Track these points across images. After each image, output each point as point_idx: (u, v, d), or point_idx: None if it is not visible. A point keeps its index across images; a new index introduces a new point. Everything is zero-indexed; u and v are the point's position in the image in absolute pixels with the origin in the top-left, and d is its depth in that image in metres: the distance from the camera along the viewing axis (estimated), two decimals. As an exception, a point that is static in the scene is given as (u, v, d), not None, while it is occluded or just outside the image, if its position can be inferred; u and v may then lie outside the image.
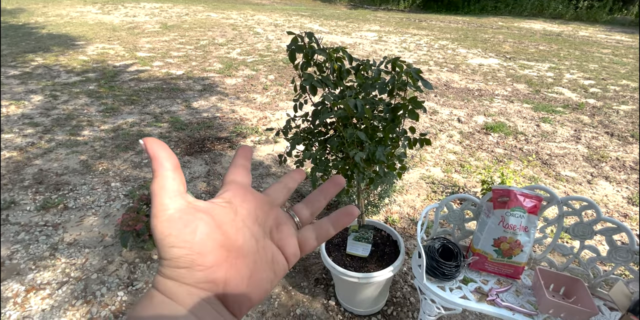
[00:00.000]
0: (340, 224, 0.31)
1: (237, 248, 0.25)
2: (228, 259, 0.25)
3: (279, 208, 0.31)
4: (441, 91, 4.56)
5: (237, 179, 0.29)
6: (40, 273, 1.77)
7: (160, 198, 0.24)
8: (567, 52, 6.82)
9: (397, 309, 1.63)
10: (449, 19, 11.13)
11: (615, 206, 2.41)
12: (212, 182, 2.57)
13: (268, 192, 0.31)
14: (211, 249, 0.24)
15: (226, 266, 0.25)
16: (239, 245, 0.26)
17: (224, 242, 0.25)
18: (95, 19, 8.97)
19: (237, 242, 0.26)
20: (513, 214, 1.21)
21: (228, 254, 0.25)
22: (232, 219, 0.26)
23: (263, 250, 0.27)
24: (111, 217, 2.18)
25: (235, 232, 0.26)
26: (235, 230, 0.26)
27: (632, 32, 9.35)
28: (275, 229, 0.29)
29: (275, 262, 0.28)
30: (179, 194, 0.25)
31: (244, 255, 0.26)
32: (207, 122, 3.54)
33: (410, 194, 2.49)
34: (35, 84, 4.44)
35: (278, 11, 11.39)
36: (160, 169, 0.24)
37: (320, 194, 0.33)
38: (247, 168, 0.31)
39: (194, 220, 0.24)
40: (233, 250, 0.25)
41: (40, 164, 2.74)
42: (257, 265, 0.26)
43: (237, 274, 0.25)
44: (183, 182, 0.25)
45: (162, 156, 0.24)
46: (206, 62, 5.59)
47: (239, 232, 0.26)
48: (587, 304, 1.09)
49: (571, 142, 3.31)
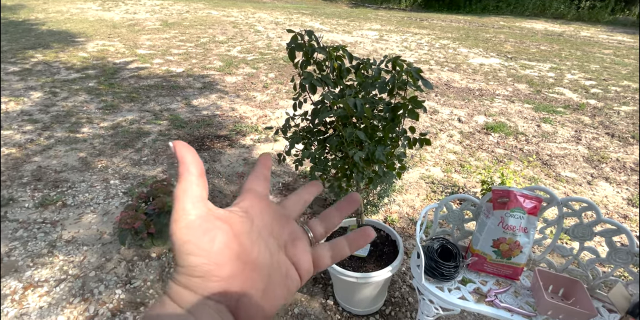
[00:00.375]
0: (357, 245, 0.31)
1: (252, 260, 0.25)
2: (244, 272, 0.24)
3: (294, 222, 0.31)
4: (442, 91, 4.55)
5: (256, 188, 0.29)
6: (38, 270, 1.76)
7: (182, 203, 0.23)
8: (568, 53, 6.80)
9: (396, 309, 1.63)
10: (451, 18, 11.09)
11: (615, 207, 2.41)
12: (211, 181, 2.56)
13: (284, 204, 0.31)
14: (228, 260, 0.24)
15: (242, 279, 0.24)
16: (254, 258, 0.25)
17: (241, 253, 0.25)
18: (96, 15, 8.94)
19: (253, 254, 0.25)
20: (513, 214, 1.21)
21: (244, 266, 0.24)
22: (249, 230, 0.26)
23: (277, 264, 0.27)
24: (110, 214, 2.18)
25: (252, 244, 0.25)
26: (252, 242, 0.25)
27: (633, 32, 9.33)
28: (291, 244, 0.29)
29: (289, 278, 0.27)
30: (202, 200, 0.24)
31: (260, 269, 0.25)
32: (206, 120, 3.53)
33: (410, 194, 2.48)
34: (35, 81, 4.43)
35: (279, 9, 11.36)
36: (185, 173, 0.24)
37: (336, 211, 0.33)
38: (267, 178, 0.31)
39: (213, 229, 0.24)
40: (249, 263, 0.25)
41: (39, 161, 2.73)
42: (272, 280, 0.26)
43: (252, 287, 0.25)
44: (206, 188, 0.25)
45: (189, 161, 0.24)
46: (206, 59, 5.58)
47: (254, 244, 0.26)
48: (586, 306, 1.09)
49: (572, 142, 3.30)
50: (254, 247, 0.25)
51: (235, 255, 0.24)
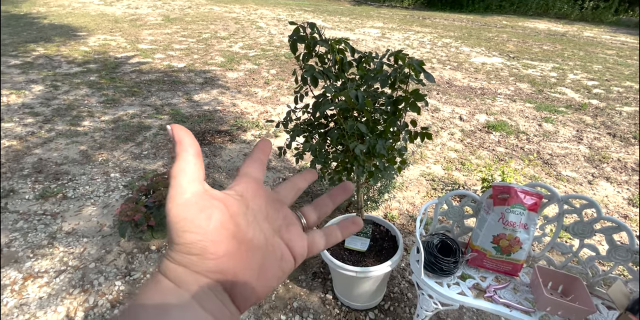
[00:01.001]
0: (348, 232, 0.32)
1: (248, 241, 0.25)
2: (239, 251, 0.25)
3: (287, 207, 0.31)
4: (443, 89, 4.53)
5: (251, 173, 0.29)
6: (38, 261, 1.77)
7: (178, 181, 0.24)
8: (571, 53, 6.78)
9: (395, 304, 1.63)
10: (453, 17, 11.05)
11: (615, 207, 2.41)
12: (211, 175, 2.56)
13: (278, 190, 0.32)
14: (224, 238, 0.24)
15: (237, 257, 0.24)
16: (249, 239, 0.25)
17: (237, 233, 0.25)
18: (98, 10, 8.91)
19: (248, 235, 0.25)
20: (513, 211, 1.21)
21: (239, 246, 0.25)
22: (245, 212, 0.26)
23: (272, 246, 0.27)
24: (110, 207, 2.18)
25: (247, 225, 0.26)
26: (247, 223, 0.26)
27: (637, 33, 9.28)
28: (285, 229, 0.29)
29: (283, 260, 0.28)
30: (198, 179, 0.24)
31: (255, 250, 0.26)
32: (207, 115, 3.52)
33: (410, 191, 2.48)
34: (37, 74, 4.42)
35: (281, 6, 11.31)
36: (183, 153, 0.24)
37: (328, 198, 0.33)
38: (263, 162, 0.31)
39: (210, 207, 0.24)
40: (244, 243, 0.25)
41: (40, 154, 2.73)
42: (266, 261, 0.26)
43: (247, 266, 0.25)
44: (202, 169, 0.25)
45: (187, 142, 0.25)
46: (208, 55, 5.56)
47: (250, 225, 0.26)
48: (585, 302, 1.09)
49: (573, 142, 3.30)
50: (249, 228, 0.26)
51: (231, 235, 0.24)
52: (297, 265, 0.29)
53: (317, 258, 1.86)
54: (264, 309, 1.59)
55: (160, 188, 1.86)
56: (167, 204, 0.23)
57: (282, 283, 1.73)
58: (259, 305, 1.61)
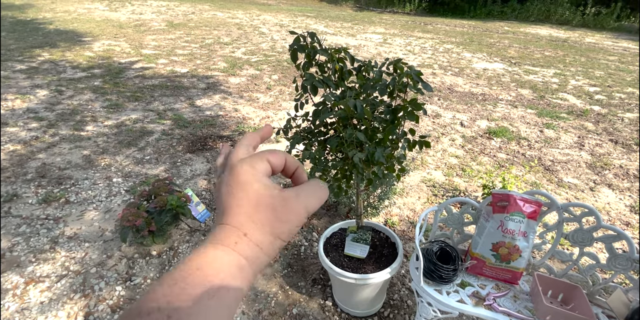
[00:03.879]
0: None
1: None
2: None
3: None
4: (444, 95, 4.55)
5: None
6: (40, 266, 1.78)
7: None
8: (573, 59, 6.79)
9: (394, 312, 1.63)
10: (455, 22, 11.11)
11: (617, 214, 2.40)
12: (213, 180, 2.57)
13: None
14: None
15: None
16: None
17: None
18: (102, 15, 9.04)
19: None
20: (512, 218, 1.21)
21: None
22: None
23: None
24: (112, 212, 2.19)
25: None
26: None
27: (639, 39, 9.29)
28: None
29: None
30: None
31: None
32: (209, 120, 3.55)
33: (411, 197, 2.48)
34: (41, 79, 4.48)
35: (284, 11, 11.43)
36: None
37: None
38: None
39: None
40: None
41: (44, 158, 2.76)
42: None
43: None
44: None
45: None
46: (211, 60, 5.62)
47: None
48: (585, 312, 1.08)
49: (574, 148, 3.29)
50: None
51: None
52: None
53: (316, 265, 1.86)
54: (263, 315, 1.59)
55: (162, 193, 1.87)
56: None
57: (282, 289, 1.73)
58: (258, 311, 1.61)
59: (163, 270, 1.79)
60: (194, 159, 2.85)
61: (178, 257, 1.88)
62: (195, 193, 2.36)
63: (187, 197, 1.91)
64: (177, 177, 2.60)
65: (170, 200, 1.81)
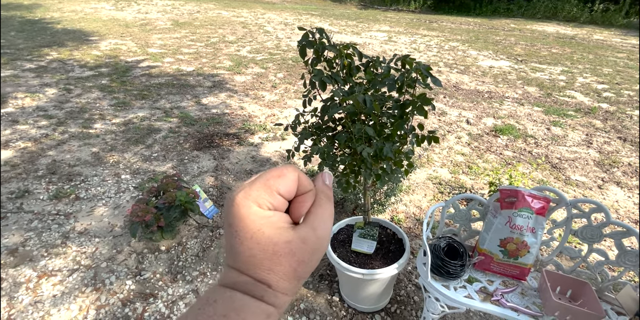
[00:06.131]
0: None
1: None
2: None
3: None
4: (450, 92, 4.53)
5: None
6: (51, 260, 1.81)
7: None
8: (580, 56, 6.71)
9: (401, 307, 1.63)
10: (460, 20, 11.03)
11: (626, 212, 2.38)
12: (219, 177, 2.59)
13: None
14: None
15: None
16: None
17: None
18: (109, 15, 9.11)
19: None
20: (520, 214, 1.21)
21: None
22: None
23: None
24: (121, 208, 2.22)
25: None
26: None
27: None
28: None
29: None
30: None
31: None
32: (216, 118, 3.57)
33: (417, 194, 2.48)
34: (50, 78, 4.53)
35: (288, 10, 11.42)
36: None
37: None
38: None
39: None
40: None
41: (54, 155, 2.80)
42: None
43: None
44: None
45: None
46: (216, 59, 5.64)
47: None
48: (594, 308, 1.08)
49: (582, 146, 3.26)
50: None
51: None
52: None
53: (324, 260, 1.88)
54: (271, 310, 1.60)
55: (170, 189, 1.89)
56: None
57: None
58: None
59: (172, 265, 1.82)
60: (201, 156, 2.88)
61: (186, 252, 1.90)
62: (203, 189, 2.38)
63: (195, 193, 1.93)
64: (185, 173, 2.62)
65: (179, 196, 1.83)
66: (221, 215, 0.31)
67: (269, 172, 0.29)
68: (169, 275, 1.76)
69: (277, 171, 0.29)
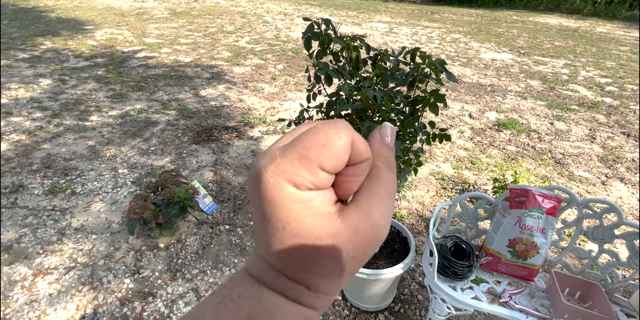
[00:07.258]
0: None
1: None
2: None
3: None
4: (452, 86, 4.46)
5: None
6: (47, 257, 1.77)
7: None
8: (583, 49, 6.63)
9: (405, 307, 1.61)
10: (462, 11, 10.86)
11: (629, 208, 2.36)
12: (219, 172, 2.55)
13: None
14: None
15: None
16: None
17: None
18: (104, 3, 8.89)
19: None
20: (530, 214, 1.17)
21: None
22: None
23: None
24: (118, 203, 2.18)
25: None
26: None
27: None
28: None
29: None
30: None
31: None
32: (214, 110, 3.50)
33: (420, 190, 2.45)
34: (44, 68, 4.42)
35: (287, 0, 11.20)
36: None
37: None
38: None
39: None
40: None
41: (49, 148, 2.73)
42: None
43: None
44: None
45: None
46: (214, 50, 5.53)
47: None
48: (604, 310, 1.06)
49: (586, 141, 3.23)
50: None
51: None
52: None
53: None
54: (272, 309, 1.58)
55: (169, 185, 1.84)
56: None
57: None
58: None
59: (171, 262, 1.79)
60: (200, 150, 2.82)
61: (185, 249, 1.87)
62: (202, 185, 2.33)
63: (194, 189, 1.88)
64: (183, 168, 2.57)
65: (177, 192, 1.78)
66: (247, 188, 0.24)
67: (309, 136, 0.20)
68: (168, 273, 1.73)
69: (321, 137, 0.20)
